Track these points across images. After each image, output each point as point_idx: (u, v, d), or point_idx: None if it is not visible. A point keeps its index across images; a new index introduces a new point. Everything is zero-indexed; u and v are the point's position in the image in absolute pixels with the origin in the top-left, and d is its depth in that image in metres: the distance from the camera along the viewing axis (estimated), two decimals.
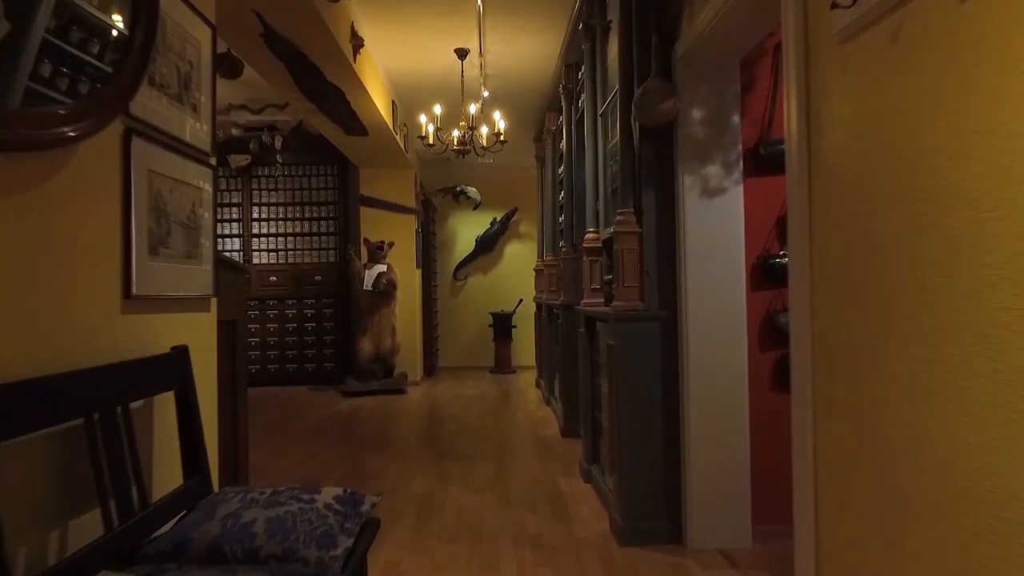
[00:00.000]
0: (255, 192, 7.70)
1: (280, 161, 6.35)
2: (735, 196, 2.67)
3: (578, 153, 4.73)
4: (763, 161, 2.71)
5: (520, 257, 8.95)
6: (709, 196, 2.66)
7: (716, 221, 2.66)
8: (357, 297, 7.03)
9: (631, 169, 2.87)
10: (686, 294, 2.65)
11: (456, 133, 5.12)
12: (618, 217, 2.84)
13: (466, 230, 8.99)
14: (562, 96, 5.01)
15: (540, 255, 7.04)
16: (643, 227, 2.79)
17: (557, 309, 5.16)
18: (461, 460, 4.10)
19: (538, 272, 6.93)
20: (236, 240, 7.65)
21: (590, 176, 3.77)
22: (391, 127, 5.78)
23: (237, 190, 7.69)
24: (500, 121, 4.98)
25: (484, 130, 5.15)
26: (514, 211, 8.86)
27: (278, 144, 6.31)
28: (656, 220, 2.76)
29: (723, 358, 2.64)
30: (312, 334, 7.56)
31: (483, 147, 5.09)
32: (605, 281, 3.48)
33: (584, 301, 3.62)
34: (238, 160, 7.28)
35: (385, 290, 6.80)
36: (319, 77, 4.17)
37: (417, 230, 7.65)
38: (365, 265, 6.98)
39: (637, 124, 2.78)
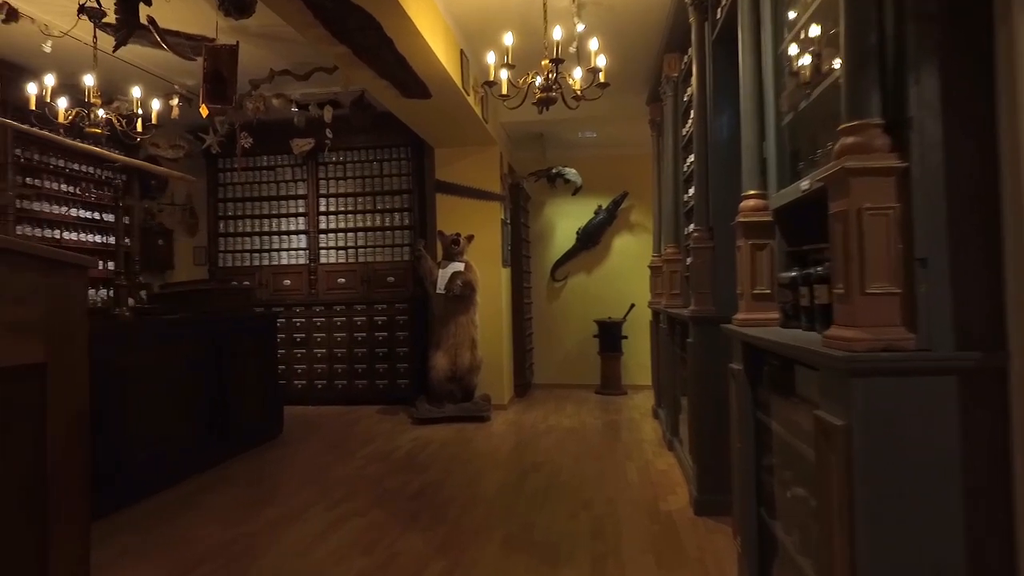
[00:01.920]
0: (322, 182, 6.74)
1: (329, 138, 5.30)
2: None
3: (721, 87, 3.16)
4: None
5: (632, 252, 7.38)
6: None
7: None
8: (430, 303, 5.82)
9: (874, 36, 1.31)
10: None
11: (539, 81, 3.70)
12: (843, 140, 1.30)
13: (565, 220, 7.55)
14: (691, 11, 3.46)
15: (657, 248, 5.47)
16: (910, 159, 1.23)
17: (683, 321, 3.61)
18: (539, 556, 2.68)
19: (655, 270, 5.38)
20: (303, 237, 6.72)
21: (748, 103, 2.22)
22: (459, 85, 4.48)
23: (302, 180, 6.76)
24: (598, 56, 3.50)
25: (577, 73, 3.69)
26: (623, 196, 7.30)
27: (328, 117, 5.25)
28: (944, 142, 1.20)
29: None
30: (384, 345, 6.45)
31: (577, 94, 3.63)
32: (784, 282, 1.94)
33: (740, 317, 2.09)
34: (301, 145, 6.32)
35: (461, 294, 5.53)
36: None
37: (504, 220, 6.33)
38: (439, 263, 5.75)
39: None
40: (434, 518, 3.19)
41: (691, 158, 3.94)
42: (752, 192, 2.15)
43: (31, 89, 3.84)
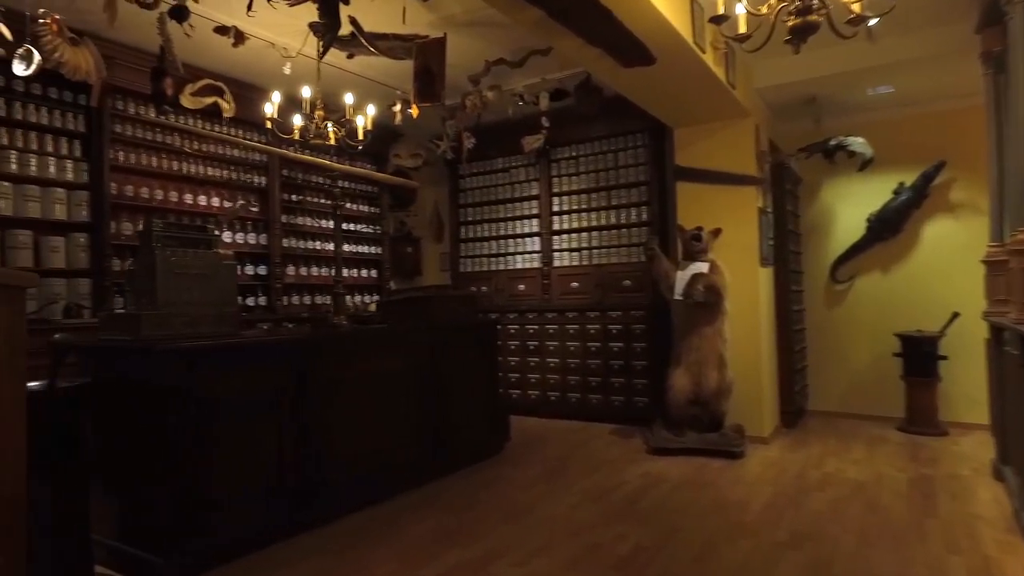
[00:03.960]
0: (554, 180, 6.32)
1: (546, 127, 4.79)
2: None
3: None
4: None
5: (952, 242, 5.46)
6: None
7: None
8: (667, 310, 4.96)
9: None
10: None
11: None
12: None
13: (850, 205, 5.92)
14: None
15: (997, 235, 3.83)
16: None
17: None
18: None
19: (993, 266, 3.73)
20: (536, 240, 6.39)
21: None
22: (690, 40, 3.57)
23: (535, 179, 6.43)
24: None
25: None
26: (938, 167, 5.42)
27: (544, 104, 4.75)
28: None
29: None
30: (619, 357, 5.75)
31: (853, 14, 2.48)
32: None
33: None
34: (531, 142, 5.97)
35: (705, 300, 4.55)
36: None
37: (762, 209, 5.13)
38: (678, 263, 4.85)
39: None
40: None
41: None
42: None
43: (267, 108, 4.07)
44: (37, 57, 3.15)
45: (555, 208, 6.28)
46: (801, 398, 5.72)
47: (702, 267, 4.66)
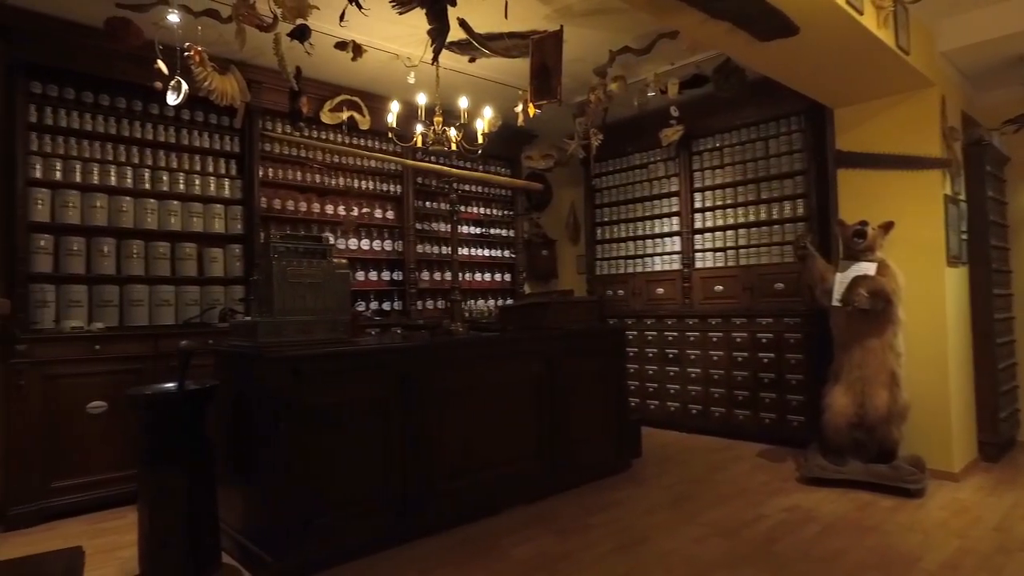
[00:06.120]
0: (696, 174, 5.82)
1: (675, 116, 4.32)
2: None
3: None
4: None
5: None
6: None
7: None
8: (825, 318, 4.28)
9: None
10: None
11: None
12: None
13: None
14: None
15: None
16: None
17: None
18: None
19: None
20: (676, 240, 5.93)
21: None
22: (841, 1, 3.00)
23: (675, 175, 5.97)
24: None
25: None
26: None
27: (672, 92, 4.29)
28: None
29: None
30: (769, 369, 5.12)
31: None
32: None
33: None
34: (669, 135, 5.52)
35: (870, 307, 3.84)
36: None
37: (950, 196, 4.24)
38: (837, 264, 4.17)
39: None
40: None
41: None
42: None
43: (389, 118, 4.16)
44: (185, 87, 3.47)
45: (697, 205, 5.78)
46: (1009, 426, 4.66)
47: (867, 268, 3.95)
